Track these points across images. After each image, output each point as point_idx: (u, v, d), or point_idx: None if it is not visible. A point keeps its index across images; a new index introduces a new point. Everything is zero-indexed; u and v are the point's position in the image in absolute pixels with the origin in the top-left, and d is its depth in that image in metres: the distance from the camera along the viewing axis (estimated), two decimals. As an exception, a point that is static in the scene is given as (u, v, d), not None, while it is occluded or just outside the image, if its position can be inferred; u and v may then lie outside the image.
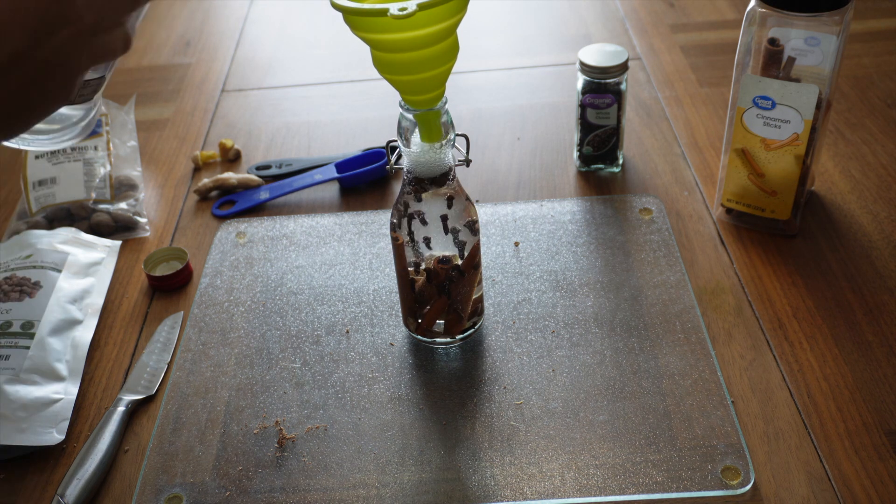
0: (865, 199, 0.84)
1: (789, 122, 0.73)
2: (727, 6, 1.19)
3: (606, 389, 0.67)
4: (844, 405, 0.65)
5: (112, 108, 0.99)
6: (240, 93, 1.09)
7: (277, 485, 0.62)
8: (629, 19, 1.18)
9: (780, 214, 0.79)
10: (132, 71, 1.15)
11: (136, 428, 0.67)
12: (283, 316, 0.76)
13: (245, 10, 1.29)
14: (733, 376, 0.68)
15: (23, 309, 0.72)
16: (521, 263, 0.79)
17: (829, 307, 0.73)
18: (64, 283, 0.76)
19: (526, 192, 0.89)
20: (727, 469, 0.60)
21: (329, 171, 0.91)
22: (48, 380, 0.69)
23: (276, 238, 0.84)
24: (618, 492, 0.59)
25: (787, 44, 0.71)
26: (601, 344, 0.70)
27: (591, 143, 0.88)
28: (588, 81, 0.84)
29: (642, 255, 0.78)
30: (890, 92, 0.98)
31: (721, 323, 0.72)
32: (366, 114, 1.03)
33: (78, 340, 0.73)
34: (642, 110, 0.99)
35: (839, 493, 0.59)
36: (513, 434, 0.64)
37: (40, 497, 0.63)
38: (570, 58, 1.10)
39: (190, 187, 0.93)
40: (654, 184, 0.88)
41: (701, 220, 0.83)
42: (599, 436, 0.63)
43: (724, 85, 1.02)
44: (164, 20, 1.27)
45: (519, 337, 0.72)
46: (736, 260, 0.78)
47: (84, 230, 0.85)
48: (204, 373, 0.71)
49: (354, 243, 0.83)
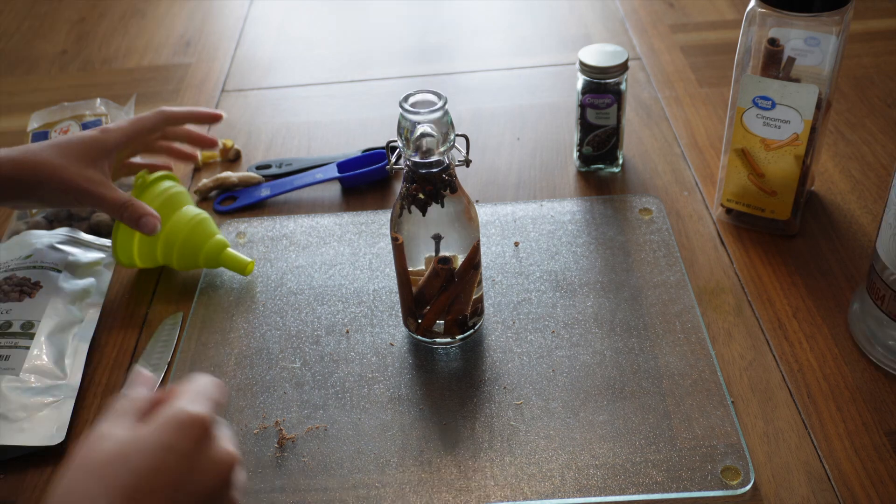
0: (865, 199, 0.84)
1: (789, 123, 0.73)
2: (727, 6, 1.19)
3: (606, 389, 0.67)
4: (844, 405, 0.65)
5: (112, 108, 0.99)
6: (240, 93, 1.09)
7: (277, 485, 0.62)
8: (629, 19, 1.18)
9: (780, 214, 0.79)
10: (132, 71, 1.15)
11: (136, 428, 0.67)
12: (283, 316, 0.76)
13: (245, 10, 1.29)
14: (733, 376, 0.68)
15: (23, 309, 0.72)
16: (521, 263, 0.79)
17: (829, 307, 0.73)
18: (64, 283, 0.76)
19: (526, 192, 0.89)
20: (727, 469, 0.60)
21: (330, 170, 0.91)
22: (48, 380, 0.69)
23: (276, 238, 0.84)
24: (618, 492, 0.59)
25: (787, 44, 0.71)
26: (601, 344, 0.70)
27: (591, 143, 0.88)
28: (588, 81, 0.84)
29: (642, 255, 0.78)
30: (890, 92, 0.98)
31: (721, 323, 0.72)
32: (366, 114, 1.03)
33: (78, 340, 0.73)
34: (642, 110, 0.99)
35: (839, 494, 0.59)
36: (513, 434, 0.64)
37: (40, 497, 0.63)
38: (569, 58, 1.10)
39: (190, 187, 0.93)
40: (653, 184, 0.88)
41: (701, 220, 0.83)
42: (599, 436, 0.63)
43: (724, 85, 1.02)
44: (164, 20, 1.27)
45: (519, 337, 0.72)
46: (736, 260, 0.78)
47: (84, 230, 0.85)
48: (204, 373, 0.71)
49: (354, 243, 0.83)
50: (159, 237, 0.77)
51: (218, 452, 0.47)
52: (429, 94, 0.60)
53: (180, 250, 0.77)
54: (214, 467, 0.47)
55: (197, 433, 0.46)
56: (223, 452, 0.47)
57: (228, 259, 0.79)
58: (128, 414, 0.48)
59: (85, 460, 0.45)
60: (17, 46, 1.23)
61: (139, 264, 0.79)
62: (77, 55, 1.20)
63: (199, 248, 0.78)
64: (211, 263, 0.79)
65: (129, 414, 0.48)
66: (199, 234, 0.78)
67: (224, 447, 0.48)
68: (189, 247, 0.77)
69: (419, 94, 0.60)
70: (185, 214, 0.78)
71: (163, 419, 0.46)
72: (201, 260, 0.78)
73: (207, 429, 0.47)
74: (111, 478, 0.44)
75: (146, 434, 0.46)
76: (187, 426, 0.46)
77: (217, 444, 0.47)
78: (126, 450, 0.45)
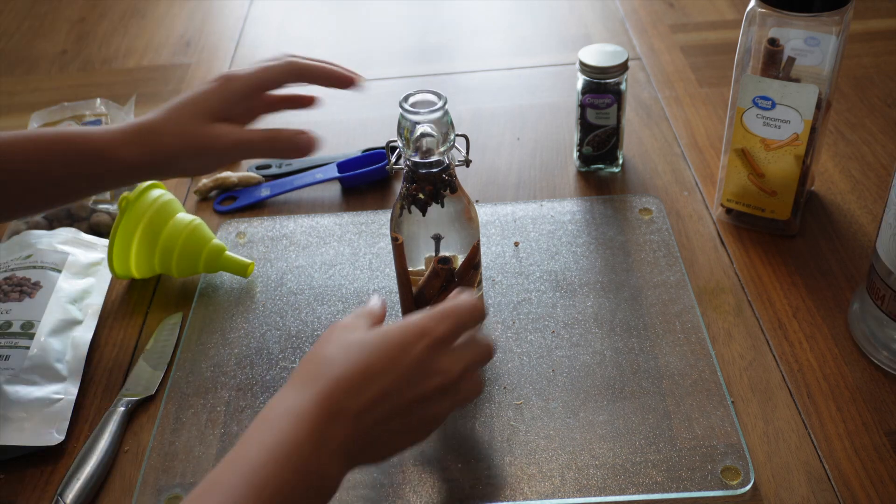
0: (865, 199, 0.84)
1: (789, 122, 0.73)
2: (727, 6, 1.19)
3: (606, 389, 0.67)
4: (844, 405, 0.65)
5: (112, 109, 0.99)
6: (240, 93, 1.09)
7: (277, 485, 0.62)
8: (629, 19, 1.18)
9: (780, 214, 0.79)
10: (132, 71, 1.15)
11: (136, 428, 0.67)
12: (283, 316, 0.76)
13: (245, 10, 1.29)
14: (733, 376, 0.68)
15: (23, 309, 0.72)
16: (521, 263, 0.79)
17: (829, 307, 0.73)
18: (64, 283, 0.76)
19: (526, 192, 0.89)
20: (727, 469, 0.60)
21: (330, 170, 0.91)
22: (48, 380, 0.69)
23: (276, 238, 0.84)
24: (618, 492, 0.59)
25: (787, 44, 0.71)
26: (601, 344, 0.70)
27: (591, 143, 0.88)
28: (588, 81, 0.84)
29: (642, 255, 0.78)
30: (890, 92, 0.98)
31: (721, 323, 0.72)
32: (366, 114, 1.03)
33: (78, 340, 0.73)
34: (642, 110, 0.99)
35: (839, 494, 0.59)
36: (513, 434, 0.64)
37: (40, 497, 0.63)
38: (569, 58, 1.10)
39: (190, 188, 0.93)
40: (653, 184, 0.88)
41: (701, 220, 0.83)
42: (599, 436, 0.63)
43: (724, 85, 1.02)
44: (164, 20, 1.27)
45: (519, 337, 0.72)
46: (736, 260, 0.78)
47: (84, 230, 0.85)
48: (204, 373, 0.71)
49: (354, 243, 0.83)
50: (157, 245, 0.77)
51: (439, 364, 0.52)
52: (429, 94, 0.60)
53: (179, 257, 0.77)
54: (431, 378, 0.52)
55: (423, 342, 0.51)
56: (445, 367, 0.52)
57: (228, 262, 0.78)
58: (364, 317, 0.55)
59: (311, 356, 0.53)
60: (17, 46, 1.23)
61: (136, 275, 0.79)
62: (77, 55, 1.20)
63: (198, 254, 0.78)
64: (211, 268, 0.79)
65: (365, 317, 0.55)
66: (196, 239, 0.78)
67: (450, 365, 0.52)
68: (188, 253, 0.77)
69: (419, 94, 0.60)
70: (181, 221, 0.78)
71: (395, 325, 0.53)
72: (201, 265, 0.78)
73: (433, 340, 0.52)
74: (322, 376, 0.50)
75: (372, 335, 0.52)
76: (411, 334, 0.52)
77: (441, 359, 0.52)
78: (349, 348, 0.52)
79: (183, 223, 0.78)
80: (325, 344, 0.53)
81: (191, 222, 0.78)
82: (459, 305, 0.54)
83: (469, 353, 0.54)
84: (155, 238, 0.76)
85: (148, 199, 0.77)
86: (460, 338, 0.54)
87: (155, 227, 0.76)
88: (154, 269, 0.78)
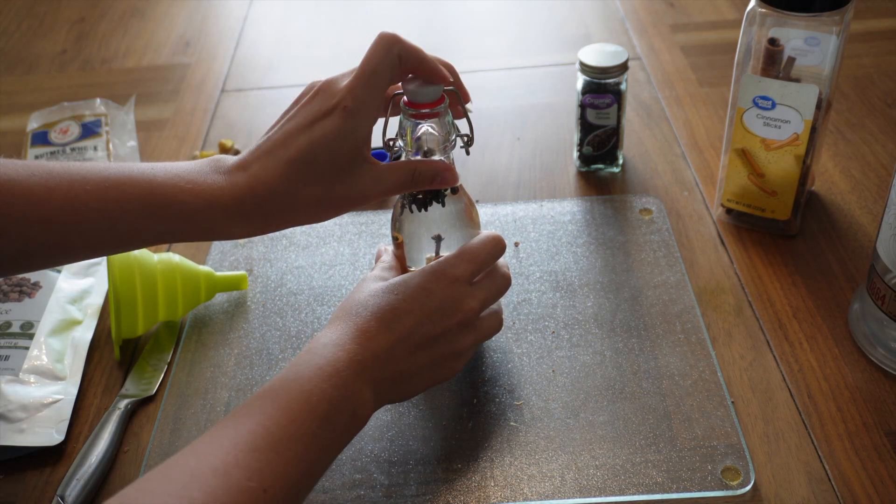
0: (865, 199, 0.84)
1: (789, 122, 0.72)
2: (727, 6, 1.19)
3: (606, 390, 0.67)
4: (844, 405, 0.65)
5: (112, 108, 0.99)
6: (239, 93, 1.09)
7: (277, 485, 0.62)
8: (629, 19, 1.18)
9: (780, 214, 0.79)
10: (132, 71, 1.15)
11: (136, 428, 0.67)
12: (282, 316, 0.76)
13: (245, 10, 1.29)
14: (733, 377, 0.68)
15: (22, 309, 0.72)
16: (521, 264, 0.79)
17: (829, 307, 0.73)
18: (64, 283, 0.76)
19: (526, 192, 0.89)
20: (727, 469, 0.60)
21: (329, 171, 0.91)
22: (48, 380, 0.69)
23: (276, 238, 0.84)
24: (618, 492, 0.59)
25: (787, 44, 0.71)
26: (601, 344, 0.70)
27: (591, 144, 0.88)
28: (588, 81, 0.84)
29: (642, 256, 0.78)
30: (890, 92, 0.98)
31: (721, 323, 0.72)
32: (366, 114, 1.03)
33: (78, 340, 0.73)
34: (642, 110, 0.99)
35: (839, 494, 0.59)
36: (513, 434, 0.64)
37: (40, 497, 0.63)
38: (570, 58, 1.10)
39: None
40: (654, 184, 0.88)
41: (701, 220, 0.83)
42: (599, 436, 0.63)
43: (724, 85, 1.02)
44: (163, 20, 1.27)
45: (519, 337, 0.72)
46: (736, 260, 0.78)
47: (84, 230, 0.85)
48: (204, 373, 0.71)
49: (354, 243, 0.83)
50: (157, 295, 0.72)
51: (459, 302, 0.58)
52: None
53: (183, 297, 0.73)
54: (453, 315, 0.58)
55: (442, 283, 0.58)
56: (465, 304, 0.59)
57: (225, 281, 0.77)
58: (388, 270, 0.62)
59: (344, 303, 0.59)
60: (17, 46, 1.23)
61: (141, 332, 0.73)
62: (77, 55, 1.20)
63: (197, 287, 0.74)
64: (210, 294, 0.76)
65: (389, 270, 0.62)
66: (190, 273, 0.74)
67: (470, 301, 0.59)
68: (189, 290, 0.74)
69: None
70: (168, 263, 0.73)
71: (418, 271, 0.59)
72: (203, 295, 0.75)
73: (452, 280, 0.58)
74: (357, 314, 0.57)
75: (397, 281, 0.59)
76: (432, 277, 0.58)
77: (461, 296, 0.58)
78: (376, 293, 0.58)
79: (172, 262, 0.73)
80: (356, 293, 0.59)
81: (173, 258, 0.74)
82: (476, 246, 0.61)
83: (486, 289, 0.60)
84: (154, 289, 0.71)
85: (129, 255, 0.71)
86: (479, 275, 0.61)
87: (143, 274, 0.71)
88: (157, 317, 0.73)
